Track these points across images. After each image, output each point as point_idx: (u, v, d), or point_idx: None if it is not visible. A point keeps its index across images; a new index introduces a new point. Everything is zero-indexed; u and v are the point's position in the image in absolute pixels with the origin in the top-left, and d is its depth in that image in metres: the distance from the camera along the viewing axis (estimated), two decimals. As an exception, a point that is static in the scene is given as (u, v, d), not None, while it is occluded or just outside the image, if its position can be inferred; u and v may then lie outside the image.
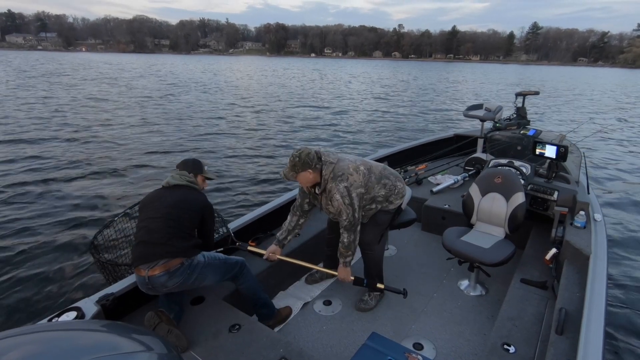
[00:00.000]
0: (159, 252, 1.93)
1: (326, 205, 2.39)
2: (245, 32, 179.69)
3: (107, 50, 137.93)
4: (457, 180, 4.12)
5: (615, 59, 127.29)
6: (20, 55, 69.80)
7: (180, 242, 1.98)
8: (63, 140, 9.10)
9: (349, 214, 2.27)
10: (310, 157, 2.22)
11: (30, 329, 0.98)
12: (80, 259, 4.13)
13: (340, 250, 2.41)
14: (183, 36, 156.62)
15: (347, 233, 2.33)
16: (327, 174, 2.27)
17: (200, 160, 2.37)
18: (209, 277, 2.10)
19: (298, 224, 2.58)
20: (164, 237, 1.95)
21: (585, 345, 1.53)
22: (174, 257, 1.94)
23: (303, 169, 2.21)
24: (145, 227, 2.01)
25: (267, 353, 1.78)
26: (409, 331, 2.42)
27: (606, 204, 5.75)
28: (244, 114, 13.92)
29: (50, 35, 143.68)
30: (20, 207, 5.38)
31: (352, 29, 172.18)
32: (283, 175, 2.28)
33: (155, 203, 2.09)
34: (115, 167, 7.27)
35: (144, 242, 1.97)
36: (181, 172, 2.22)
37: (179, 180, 2.16)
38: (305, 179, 2.26)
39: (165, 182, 2.18)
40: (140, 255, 1.94)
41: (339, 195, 2.24)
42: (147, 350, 0.99)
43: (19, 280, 3.71)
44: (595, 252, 2.22)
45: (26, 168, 7.00)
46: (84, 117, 12.06)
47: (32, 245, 4.36)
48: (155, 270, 1.90)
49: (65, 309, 1.84)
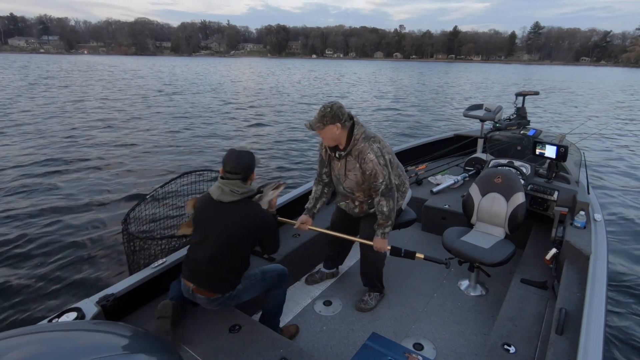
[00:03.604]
0: (205, 280, 1.91)
1: (347, 171, 2.26)
2: (247, 34, 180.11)
3: (108, 53, 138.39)
4: (457, 181, 4.12)
5: (618, 58, 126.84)
6: (22, 59, 70.15)
7: (228, 276, 1.94)
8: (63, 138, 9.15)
9: (385, 176, 2.17)
10: (341, 111, 2.13)
11: (30, 330, 0.99)
12: (80, 259, 4.14)
13: (379, 222, 2.30)
14: (184, 38, 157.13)
15: (386, 200, 2.21)
16: (358, 133, 2.18)
17: (254, 156, 2.00)
18: (246, 296, 2.06)
19: (324, 192, 2.53)
20: (215, 269, 1.90)
21: (586, 345, 1.53)
22: (216, 291, 1.93)
23: (332, 121, 2.11)
24: (199, 247, 1.93)
25: (267, 353, 1.78)
26: (409, 331, 2.42)
27: (606, 204, 5.74)
28: (251, 113, 13.98)
29: (52, 39, 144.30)
30: (19, 208, 5.40)
31: (353, 30, 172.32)
32: (309, 125, 2.16)
33: (213, 222, 1.91)
34: (115, 170, 7.31)
35: (195, 262, 1.92)
36: (233, 184, 1.88)
37: (233, 197, 1.87)
38: (331, 134, 2.15)
39: (217, 198, 1.89)
40: (189, 274, 1.94)
41: (373, 154, 2.14)
42: (148, 350, 0.99)
43: (19, 281, 3.73)
44: (596, 252, 2.22)
45: (28, 163, 7.08)
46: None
47: (32, 246, 4.38)
48: (199, 290, 1.91)
49: (66, 309, 1.84)
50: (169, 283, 2.26)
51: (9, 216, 5.12)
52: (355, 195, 2.31)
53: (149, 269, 2.18)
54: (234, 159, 1.90)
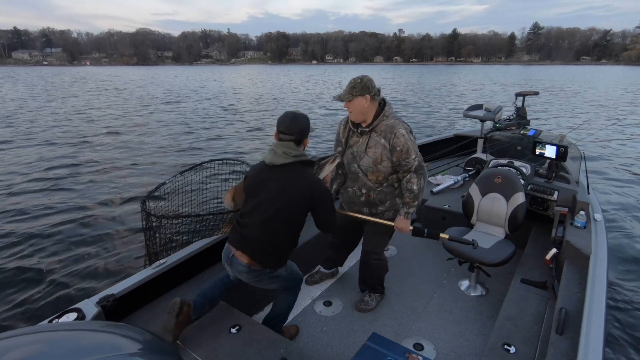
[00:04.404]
0: (252, 248, 1.85)
1: (367, 148, 2.23)
2: (247, 42, 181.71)
3: (111, 64, 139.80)
4: (457, 181, 4.12)
5: (619, 56, 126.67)
6: (27, 71, 70.94)
7: (275, 249, 1.88)
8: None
9: (417, 152, 2.16)
10: (372, 84, 2.12)
11: (31, 330, 0.99)
12: (80, 260, 4.17)
13: (406, 200, 2.26)
14: (185, 47, 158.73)
15: (417, 177, 2.19)
16: (388, 111, 2.19)
17: (309, 120, 1.93)
18: (273, 286, 2.02)
19: (338, 172, 2.51)
20: (265, 237, 1.84)
21: (586, 345, 1.52)
22: (259, 263, 1.86)
23: (361, 92, 2.10)
24: (252, 214, 1.86)
25: (268, 353, 1.78)
26: (409, 331, 2.41)
27: (606, 203, 5.70)
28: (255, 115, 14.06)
29: (55, 51, 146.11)
30: (21, 210, 5.46)
31: (353, 35, 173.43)
32: (338, 97, 2.16)
33: (266, 186, 1.84)
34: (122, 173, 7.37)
35: (246, 228, 1.86)
36: (286, 145, 1.83)
37: (286, 159, 1.80)
38: (359, 106, 2.13)
39: (269, 161, 1.83)
40: (237, 239, 1.89)
41: (404, 130, 2.13)
42: (148, 351, 0.99)
43: (19, 281, 3.75)
44: (596, 252, 2.21)
45: (31, 170, 7.15)
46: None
47: (33, 248, 4.41)
48: (242, 256, 1.86)
49: (66, 310, 1.84)
50: (169, 283, 2.26)
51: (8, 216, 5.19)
52: (367, 178, 2.28)
53: (150, 269, 2.18)
54: (288, 120, 1.85)
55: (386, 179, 2.28)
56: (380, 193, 2.32)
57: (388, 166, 2.23)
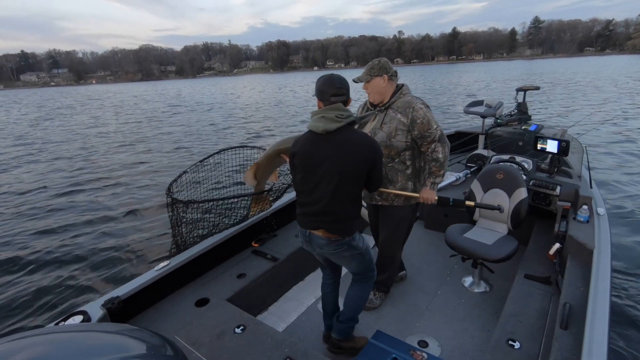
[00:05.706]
0: (324, 221, 1.79)
1: (382, 124, 2.24)
2: (248, 52, 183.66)
3: (116, 81, 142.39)
4: (459, 177, 4.11)
5: (623, 46, 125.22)
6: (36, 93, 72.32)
7: (347, 215, 1.80)
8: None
9: (437, 123, 2.18)
10: (389, 65, 2.16)
11: (39, 331, 1.01)
12: (85, 264, 4.23)
13: (432, 170, 2.26)
14: (188, 61, 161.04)
15: (441, 145, 2.21)
16: (405, 90, 2.24)
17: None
18: (353, 265, 1.97)
19: None
20: (335, 207, 1.77)
21: (590, 339, 1.51)
22: (333, 232, 1.80)
23: (379, 73, 2.14)
24: (315, 189, 1.79)
25: (272, 353, 1.79)
26: (414, 329, 2.41)
27: (609, 197, 5.61)
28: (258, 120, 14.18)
29: (62, 71, 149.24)
30: (27, 216, 5.59)
31: (353, 40, 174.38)
32: (357, 78, 2.20)
33: (323, 158, 1.73)
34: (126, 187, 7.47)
35: (312, 206, 1.80)
36: (337, 107, 1.72)
37: (339, 123, 1.68)
38: (377, 86, 2.18)
39: (322, 129, 1.69)
40: (307, 220, 1.85)
41: (421, 103, 2.17)
42: (155, 352, 1.01)
43: (23, 285, 3.82)
44: (599, 246, 2.19)
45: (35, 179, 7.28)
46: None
47: (35, 251, 4.50)
48: (317, 231, 1.83)
49: (71, 313, 1.86)
50: (173, 285, 2.29)
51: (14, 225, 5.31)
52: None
53: (153, 271, 2.21)
54: (336, 79, 1.76)
55: (398, 154, 2.26)
56: (391, 169, 2.30)
57: (402, 141, 2.22)
